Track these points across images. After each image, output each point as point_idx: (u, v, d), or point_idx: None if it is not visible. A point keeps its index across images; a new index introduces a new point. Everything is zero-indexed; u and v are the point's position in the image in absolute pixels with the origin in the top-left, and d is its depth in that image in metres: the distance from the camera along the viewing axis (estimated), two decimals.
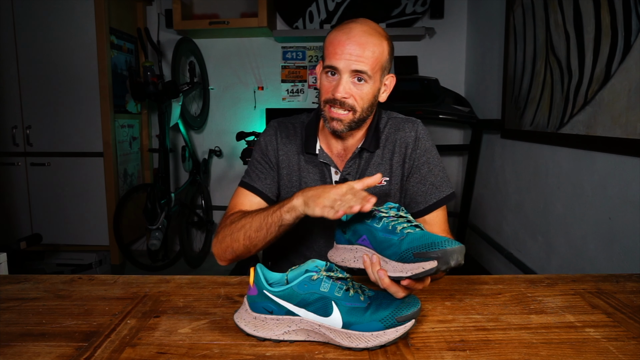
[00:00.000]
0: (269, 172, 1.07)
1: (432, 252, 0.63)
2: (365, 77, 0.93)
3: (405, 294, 0.69)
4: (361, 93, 0.95)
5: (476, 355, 0.63)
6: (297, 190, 1.03)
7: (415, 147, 1.04)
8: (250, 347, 0.65)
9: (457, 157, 3.16)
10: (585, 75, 1.54)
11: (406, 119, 1.08)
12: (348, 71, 0.92)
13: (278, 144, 1.08)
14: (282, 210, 0.87)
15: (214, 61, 3.21)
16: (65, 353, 0.64)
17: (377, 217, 0.73)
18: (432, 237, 0.66)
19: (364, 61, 0.92)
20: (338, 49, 0.92)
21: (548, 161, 1.84)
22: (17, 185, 2.72)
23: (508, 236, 2.26)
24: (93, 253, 2.87)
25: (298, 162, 1.07)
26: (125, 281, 0.91)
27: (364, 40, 0.92)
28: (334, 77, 0.95)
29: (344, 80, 0.93)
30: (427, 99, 2.66)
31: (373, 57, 0.93)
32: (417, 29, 2.90)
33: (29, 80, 2.66)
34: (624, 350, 0.63)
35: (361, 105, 0.96)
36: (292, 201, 0.86)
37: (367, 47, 0.92)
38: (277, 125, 1.11)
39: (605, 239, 1.45)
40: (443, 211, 1.04)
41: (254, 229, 0.91)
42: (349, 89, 0.94)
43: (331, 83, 0.96)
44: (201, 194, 3.14)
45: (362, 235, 0.73)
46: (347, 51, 0.92)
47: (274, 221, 0.88)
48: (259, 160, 1.09)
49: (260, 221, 0.90)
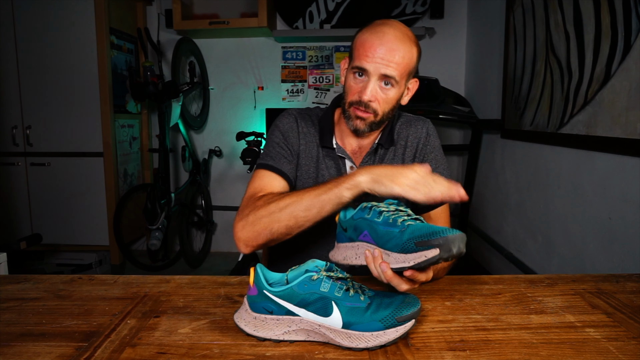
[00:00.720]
0: (291, 158, 1.05)
1: (434, 240, 0.64)
2: (392, 82, 0.94)
3: (409, 286, 0.69)
4: (386, 97, 0.96)
5: (476, 355, 0.62)
6: (313, 181, 1.05)
7: (426, 143, 1.07)
8: (250, 347, 0.65)
9: (457, 157, 3.16)
10: (585, 75, 1.54)
11: (417, 118, 1.12)
12: (377, 75, 0.93)
13: (299, 132, 1.07)
14: (343, 187, 0.82)
15: (214, 61, 3.21)
16: (65, 353, 0.64)
17: (376, 212, 0.73)
18: (432, 227, 0.67)
19: (394, 66, 0.93)
20: (369, 51, 0.93)
21: (548, 161, 1.84)
22: (17, 185, 2.72)
23: (508, 236, 2.26)
24: (93, 253, 2.87)
25: (317, 154, 1.06)
26: (125, 281, 0.91)
27: (395, 45, 0.93)
28: (361, 78, 0.96)
29: (372, 83, 0.94)
30: (427, 99, 2.66)
31: (403, 62, 0.93)
32: (417, 29, 2.90)
33: (29, 80, 2.66)
34: (624, 350, 0.63)
35: (383, 108, 0.97)
36: (354, 178, 0.82)
37: (398, 52, 0.93)
38: (297, 114, 1.10)
39: (605, 239, 1.45)
40: (446, 208, 1.06)
41: (303, 208, 0.85)
42: (375, 93, 0.95)
43: (358, 85, 0.96)
44: (201, 194, 3.15)
45: (364, 231, 0.73)
46: (378, 55, 0.92)
47: (330, 198, 0.83)
48: (279, 144, 1.05)
49: (311, 199, 0.85)
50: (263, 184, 0.99)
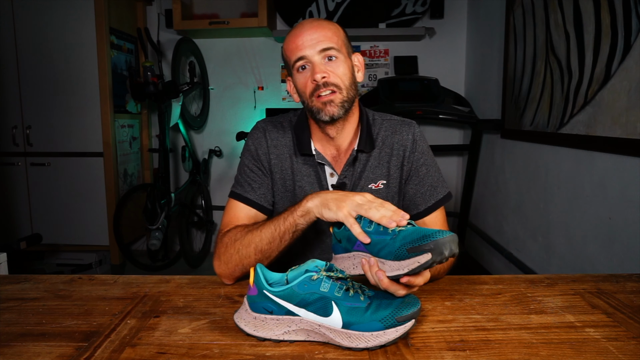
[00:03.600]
0: (262, 180, 1.03)
1: (424, 245, 0.64)
2: (334, 52, 0.95)
3: (406, 291, 0.69)
4: (337, 71, 0.96)
5: (476, 355, 0.63)
6: (292, 195, 1.03)
7: (413, 149, 1.04)
8: (250, 347, 0.65)
9: (457, 157, 3.16)
10: (585, 75, 1.54)
11: (402, 121, 1.07)
12: (316, 53, 0.94)
13: (269, 146, 1.04)
14: (296, 215, 0.84)
15: (214, 61, 3.21)
16: (65, 353, 0.64)
17: (367, 221, 0.72)
18: (423, 230, 0.66)
19: (325, 39, 0.95)
20: (297, 41, 0.95)
21: (548, 161, 1.84)
22: (17, 185, 2.72)
23: (508, 236, 2.26)
24: (93, 253, 2.87)
25: (291, 165, 1.04)
26: (125, 281, 0.91)
27: (315, 26, 0.96)
28: (306, 69, 0.96)
29: (317, 62, 0.94)
30: (427, 99, 2.66)
31: (331, 34, 0.96)
32: (417, 29, 2.90)
33: (29, 80, 2.66)
34: (624, 350, 0.63)
35: (343, 81, 0.96)
36: (305, 204, 0.83)
37: (321, 29, 0.95)
38: (265, 125, 1.07)
39: (605, 239, 1.45)
40: (442, 212, 1.04)
41: (266, 241, 0.87)
42: (324, 69, 0.94)
43: (306, 75, 0.96)
44: (201, 194, 3.14)
45: (357, 241, 0.72)
46: (305, 40, 0.94)
47: (287, 229, 0.86)
48: (250, 168, 1.04)
49: (271, 232, 0.87)
50: (231, 215, 1.01)
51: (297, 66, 0.96)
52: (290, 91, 1.05)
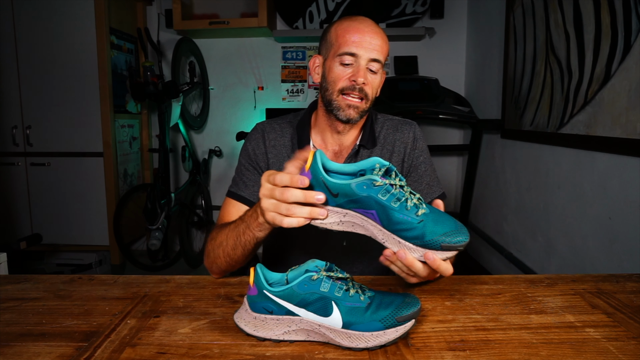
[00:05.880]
0: (256, 178, 1.03)
1: (459, 245, 0.66)
2: (378, 67, 0.95)
3: (418, 279, 0.72)
4: (374, 83, 0.96)
5: (476, 355, 0.62)
6: None
7: (413, 147, 1.06)
8: (250, 347, 0.65)
9: (457, 157, 3.16)
10: (585, 75, 1.54)
11: (403, 121, 1.10)
12: (368, 59, 0.93)
13: (266, 147, 1.05)
14: (254, 228, 0.81)
15: (214, 61, 3.21)
16: (65, 353, 0.64)
17: (393, 197, 0.67)
18: (450, 224, 0.67)
19: (380, 51, 0.94)
20: (357, 37, 0.92)
21: (548, 161, 1.84)
22: (17, 185, 2.72)
23: (508, 236, 2.26)
24: (93, 253, 2.87)
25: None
26: (125, 281, 0.91)
27: (378, 31, 0.94)
28: (349, 65, 0.94)
29: (364, 67, 0.94)
30: (427, 99, 2.66)
31: (386, 48, 0.95)
32: (417, 29, 2.90)
33: (29, 80, 2.66)
34: (624, 350, 0.63)
35: (372, 95, 0.97)
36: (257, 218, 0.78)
37: (381, 39, 0.94)
38: (263, 127, 1.08)
39: (605, 239, 1.45)
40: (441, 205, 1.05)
41: (230, 247, 0.86)
42: (366, 76, 0.94)
43: (347, 71, 0.95)
44: (201, 194, 3.14)
45: (371, 210, 0.68)
46: (366, 39, 0.92)
47: (248, 240, 0.83)
48: (246, 167, 1.05)
49: (234, 240, 0.85)
50: (227, 212, 1.02)
51: (344, 58, 0.94)
52: (313, 70, 1.02)
